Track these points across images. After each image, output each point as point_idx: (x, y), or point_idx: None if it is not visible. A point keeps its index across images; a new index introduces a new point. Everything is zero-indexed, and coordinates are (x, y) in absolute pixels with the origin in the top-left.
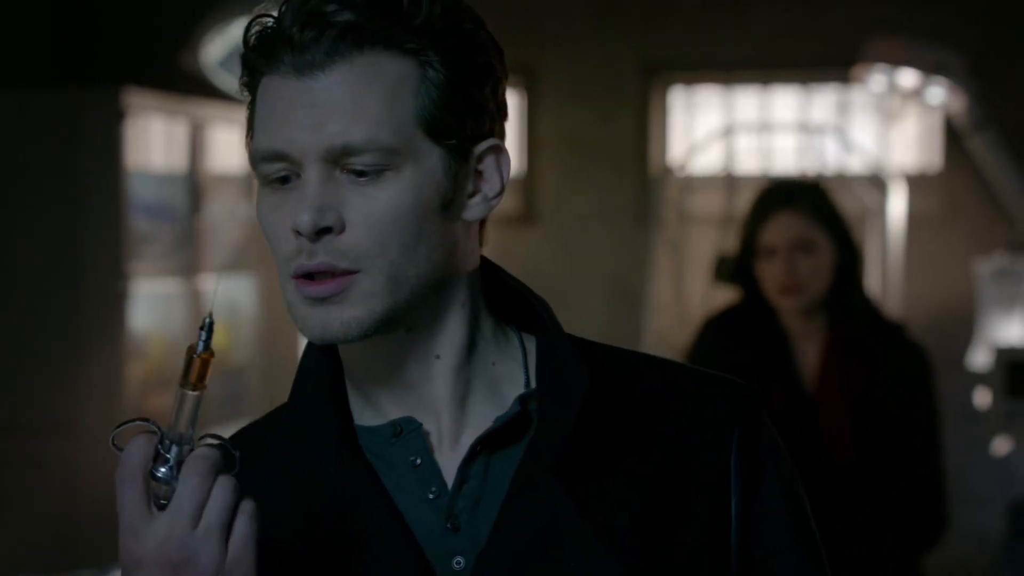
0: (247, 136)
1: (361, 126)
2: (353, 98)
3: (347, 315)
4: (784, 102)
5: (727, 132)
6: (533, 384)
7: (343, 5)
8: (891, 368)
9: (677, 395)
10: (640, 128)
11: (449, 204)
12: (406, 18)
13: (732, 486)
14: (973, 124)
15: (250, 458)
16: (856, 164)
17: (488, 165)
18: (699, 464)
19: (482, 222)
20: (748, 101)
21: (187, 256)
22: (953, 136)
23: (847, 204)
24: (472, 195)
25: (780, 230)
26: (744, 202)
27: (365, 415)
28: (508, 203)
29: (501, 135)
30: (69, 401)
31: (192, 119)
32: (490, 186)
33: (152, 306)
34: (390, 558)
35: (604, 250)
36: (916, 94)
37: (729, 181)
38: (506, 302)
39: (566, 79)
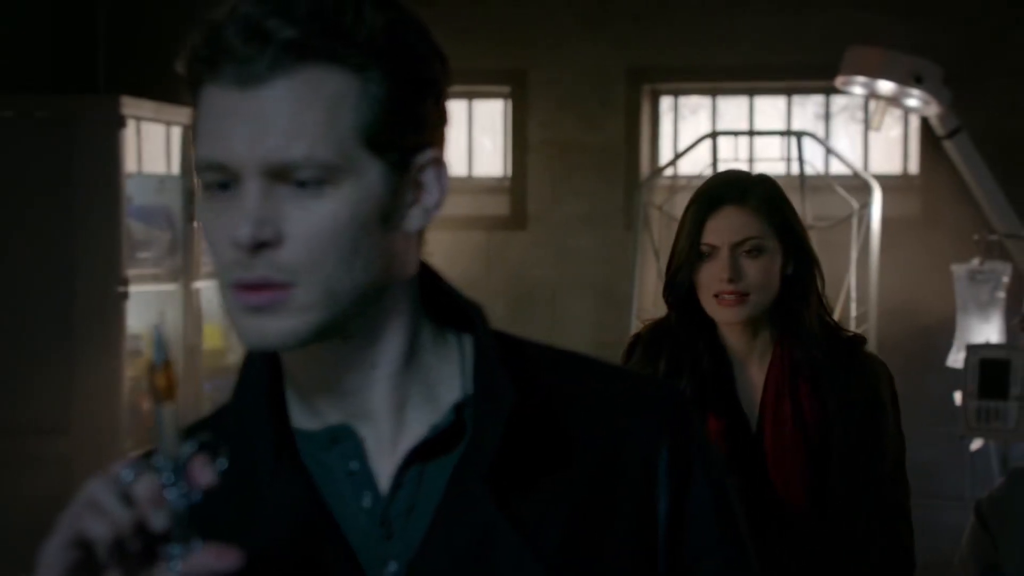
0: (193, 140)
1: (300, 142)
2: (292, 113)
3: (283, 325)
4: (768, 109)
5: (712, 137)
6: (471, 389)
7: (286, 20)
8: (852, 393)
9: (608, 399)
10: (628, 134)
11: (388, 216)
12: (349, 33)
13: (660, 490)
14: (950, 131)
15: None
16: (836, 169)
17: (428, 176)
18: (629, 470)
19: (421, 230)
20: (734, 107)
21: (183, 260)
22: (930, 142)
23: (828, 208)
24: (411, 206)
25: (724, 227)
26: None
27: (304, 418)
28: (498, 207)
29: (441, 142)
30: (67, 402)
31: (189, 127)
32: (430, 197)
33: (148, 309)
34: (325, 562)
35: (593, 254)
36: (894, 101)
37: None
38: (447, 305)
39: (555, 85)
